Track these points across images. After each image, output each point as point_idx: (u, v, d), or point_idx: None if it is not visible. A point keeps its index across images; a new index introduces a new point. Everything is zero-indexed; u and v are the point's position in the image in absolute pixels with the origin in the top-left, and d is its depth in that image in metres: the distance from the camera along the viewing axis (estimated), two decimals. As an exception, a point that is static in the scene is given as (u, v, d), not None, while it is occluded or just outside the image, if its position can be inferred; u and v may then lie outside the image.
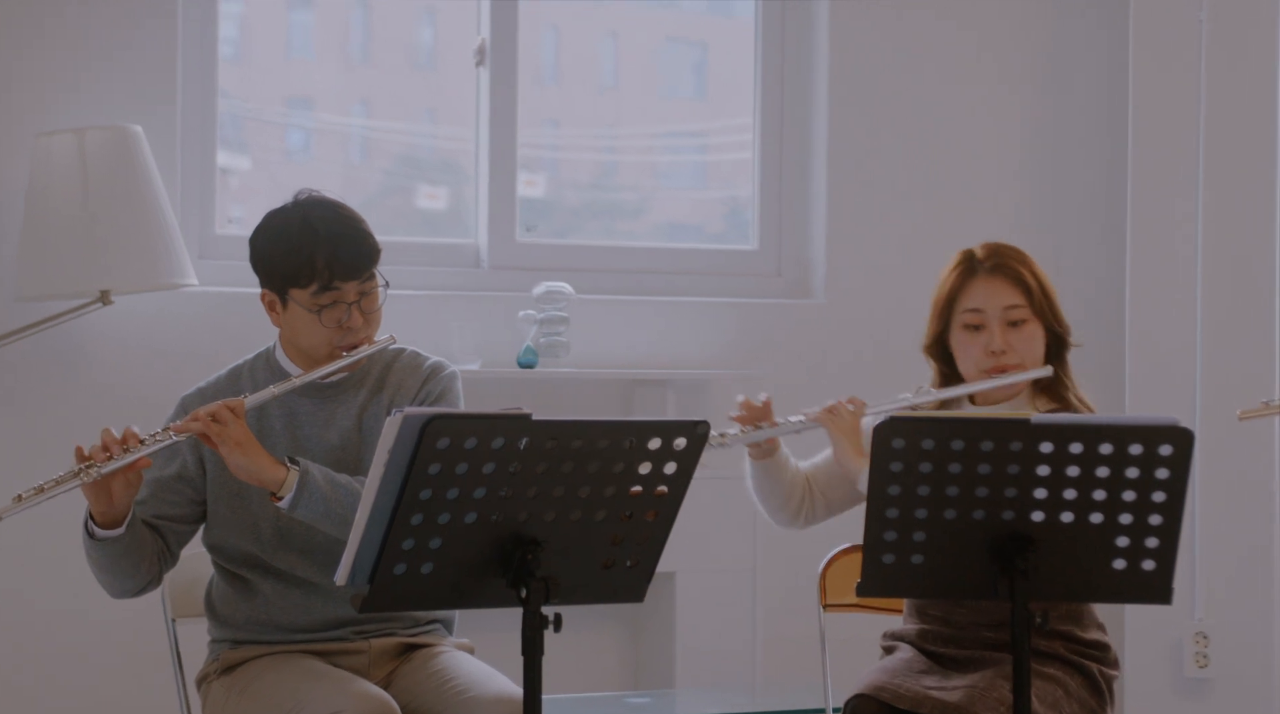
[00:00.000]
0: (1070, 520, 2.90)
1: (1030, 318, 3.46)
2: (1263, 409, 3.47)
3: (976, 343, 3.46)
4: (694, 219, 5.48)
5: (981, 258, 3.50)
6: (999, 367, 3.44)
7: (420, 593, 2.81)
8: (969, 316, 3.47)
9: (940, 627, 3.42)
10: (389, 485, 2.71)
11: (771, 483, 3.54)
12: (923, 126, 5.27)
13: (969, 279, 3.49)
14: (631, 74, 5.42)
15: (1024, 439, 2.86)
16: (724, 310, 5.08)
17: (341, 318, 3.30)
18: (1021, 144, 5.35)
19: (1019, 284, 3.46)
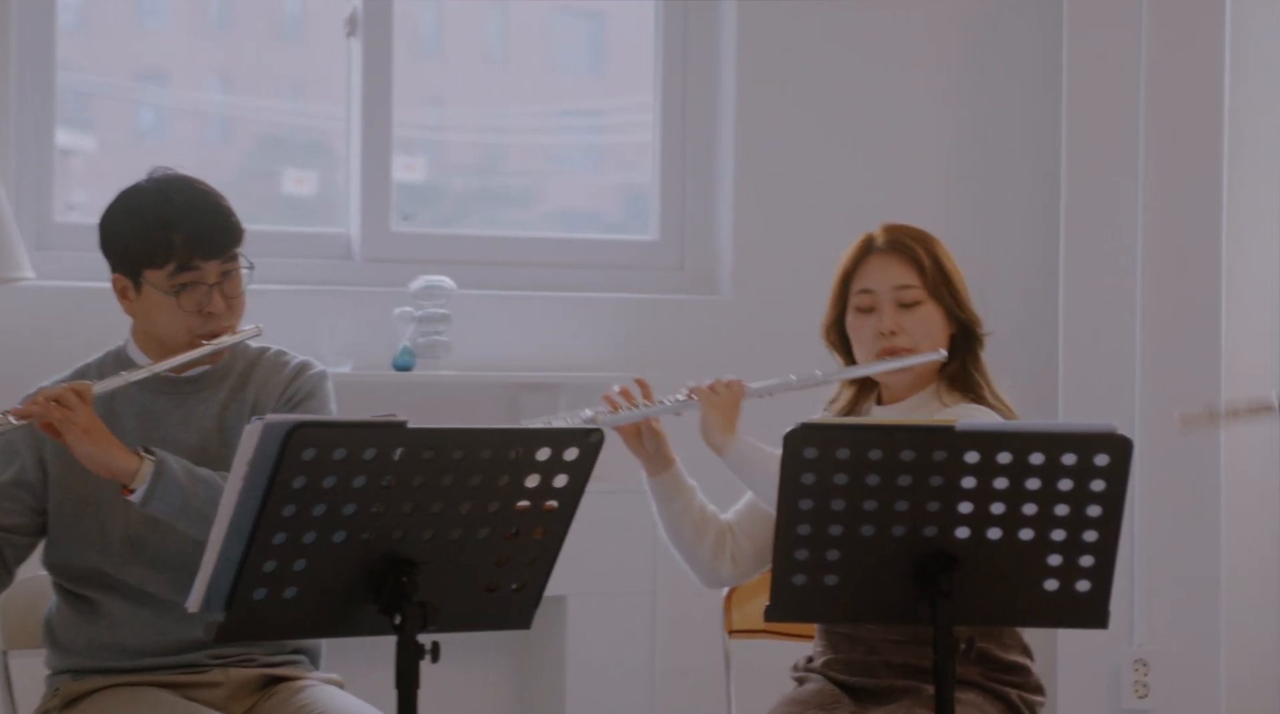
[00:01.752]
0: (998, 537, 2.91)
1: (925, 299, 3.49)
2: (1204, 416, 3.49)
3: (868, 325, 3.50)
4: (590, 207, 5.48)
5: (877, 237, 3.56)
6: (890, 349, 3.47)
7: (283, 620, 2.79)
8: (861, 298, 3.52)
9: (853, 654, 3.43)
10: (248, 500, 2.69)
11: (677, 509, 3.50)
12: (841, 110, 5.29)
13: (864, 259, 3.55)
14: (521, 47, 5.41)
15: (948, 448, 2.87)
16: (621, 307, 5.08)
17: (201, 301, 3.29)
18: (949, 133, 5.38)
19: (912, 263, 3.50)
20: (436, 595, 2.79)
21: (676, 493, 3.51)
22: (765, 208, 5.23)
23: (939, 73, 5.37)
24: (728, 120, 5.23)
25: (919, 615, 2.92)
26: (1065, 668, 5.05)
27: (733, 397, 3.47)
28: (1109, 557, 2.93)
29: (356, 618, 2.81)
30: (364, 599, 2.79)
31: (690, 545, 3.52)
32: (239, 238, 3.32)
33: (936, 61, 5.37)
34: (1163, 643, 5.07)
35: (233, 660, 3.34)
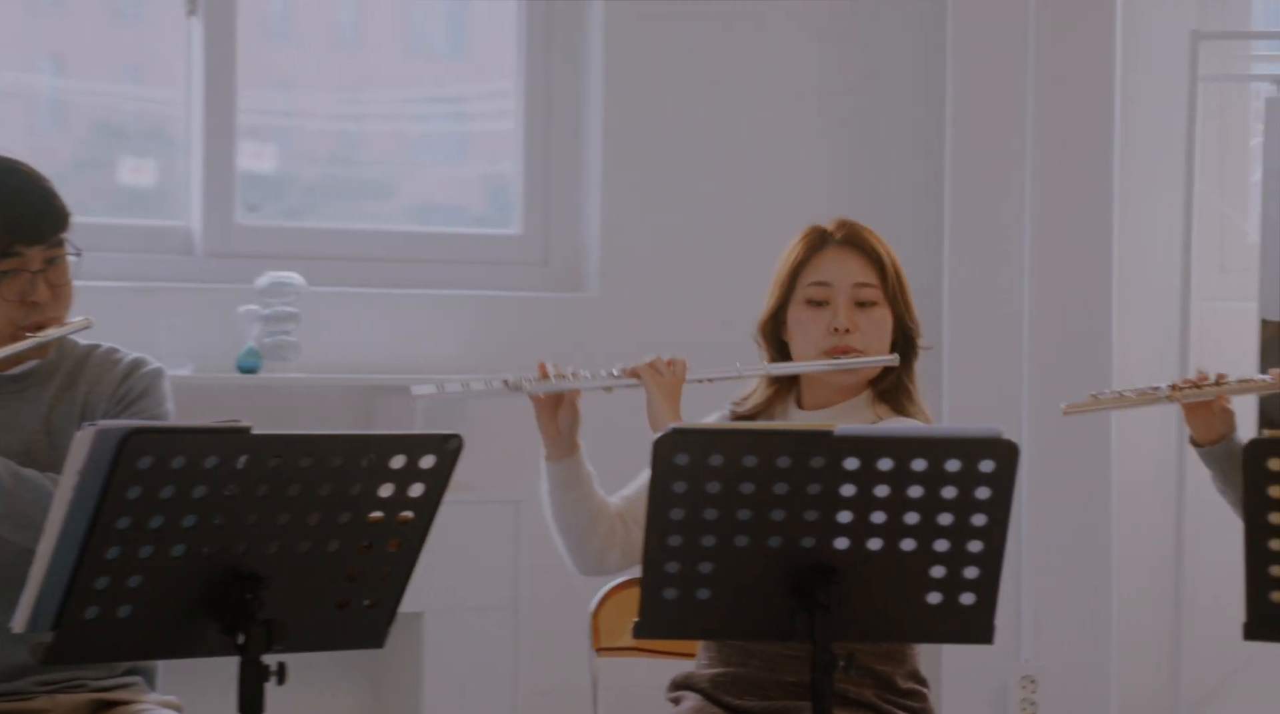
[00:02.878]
0: (879, 547, 2.93)
1: (881, 302, 3.50)
2: (1090, 403, 3.53)
3: (819, 319, 3.48)
4: (450, 199, 5.48)
5: (833, 230, 3.55)
6: (841, 347, 3.47)
7: (117, 640, 2.75)
8: (814, 290, 3.51)
9: (739, 670, 3.43)
10: (79, 512, 2.66)
11: (574, 497, 3.48)
12: (715, 98, 5.31)
13: (818, 250, 3.54)
14: (377, 28, 5.39)
15: (826, 454, 2.88)
16: (483, 305, 5.08)
17: (24, 290, 3.26)
18: (826, 129, 5.42)
19: (874, 261, 3.51)
20: (283, 613, 2.77)
21: (575, 480, 3.49)
22: (634, 201, 5.23)
23: (817, 66, 5.40)
24: (595, 108, 5.23)
25: (796, 631, 2.93)
26: (950, 685, 5.09)
27: (677, 378, 3.47)
28: (995, 568, 2.95)
29: (197, 637, 2.79)
30: (205, 617, 2.77)
31: (581, 535, 3.50)
32: (64, 222, 3.29)
33: (814, 54, 5.40)
34: (1051, 659, 5.12)
35: (60, 686, 3.29)
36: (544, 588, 4.83)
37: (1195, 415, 3.54)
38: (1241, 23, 5.46)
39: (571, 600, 4.05)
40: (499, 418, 4.97)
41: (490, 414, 4.96)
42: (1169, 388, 3.48)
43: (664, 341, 5.13)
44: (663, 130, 5.26)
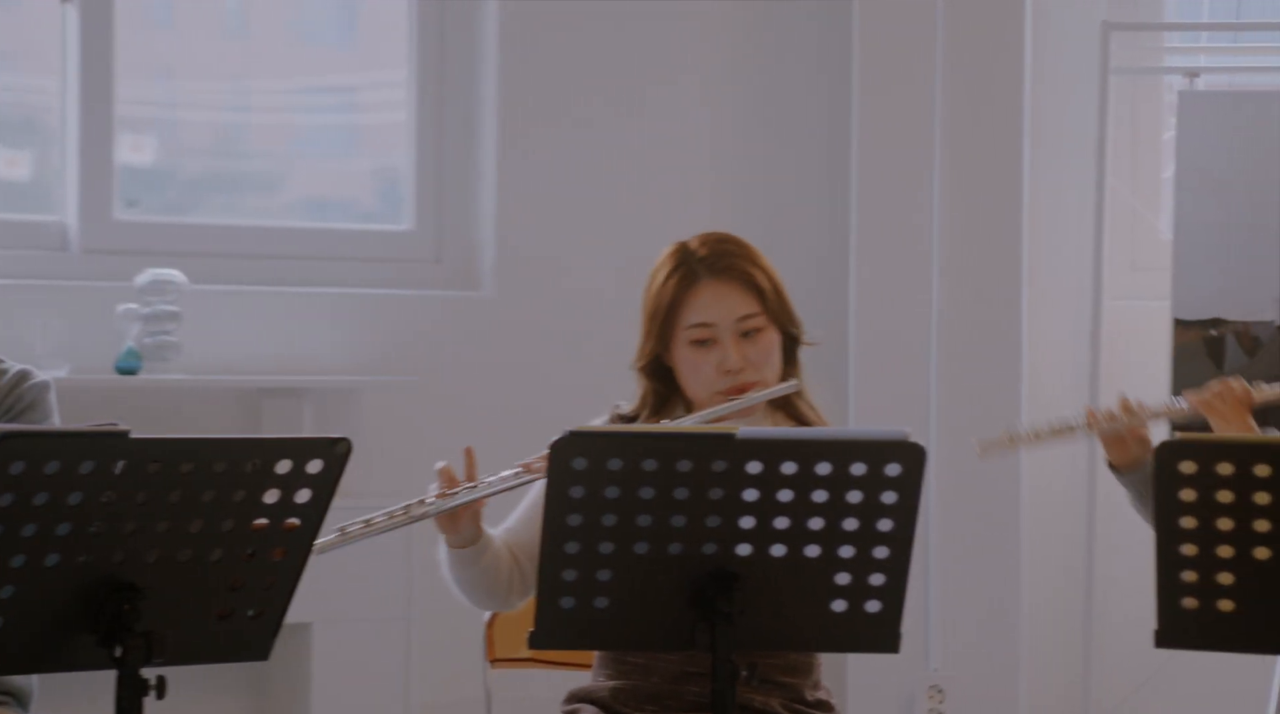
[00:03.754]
0: (782, 554, 2.93)
1: (766, 326, 3.46)
2: (1004, 440, 3.54)
3: (708, 361, 3.43)
4: (340, 194, 5.47)
5: (703, 257, 3.47)
6: (737, 387, 3.43)
7: (-12, 654, 2.73)
8: (697, 332, 3.44)
9: (638, 682, 3.43)
10: (-52, 520, 2.63)
11: (476, 572, 3.42)
12: (614, 91, 5.31)
13: (691, 286, 3.46)
14: (263, 15, 5.36)
15: (728, 457, 2.88)
16: (373, 304, 5.06)
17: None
18: (729, 127, 5.43)
19: (751, 288, 3.45)
20: (163, 624, 2.75)
21: (478, 556, 3.43)
22: (530, 197, 5.23)
23: (719, 61, 5.41)
24: (489, 100, 5.22)
25: (697, 641, 2.93)
26: (856, 696, 5.11)
27: None
28: (901, 575, 2.96)
29: (72, 651, 2.76)
30: (80, 629, 2.75)
31: (485, 597, 3.42)
32: None
33: (716, 49, 5.41)
34: (959, 668, 5.15)
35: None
36: (437, 597, 4.78)
37: (1111, 441, 3.56)
38: (1153, 14, 5.51)
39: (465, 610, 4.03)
40: (390, 421, 4.96)
41: (381, 417, 4.95)
42: (1085, 423, 3.48)
43: (560, 340, 5.16)
44: (559, 124, 5.26)
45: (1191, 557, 2.93)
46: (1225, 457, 2.89)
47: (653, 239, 3.69)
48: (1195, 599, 2.94)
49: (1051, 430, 3.52)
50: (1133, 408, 3.49)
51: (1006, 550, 5.17)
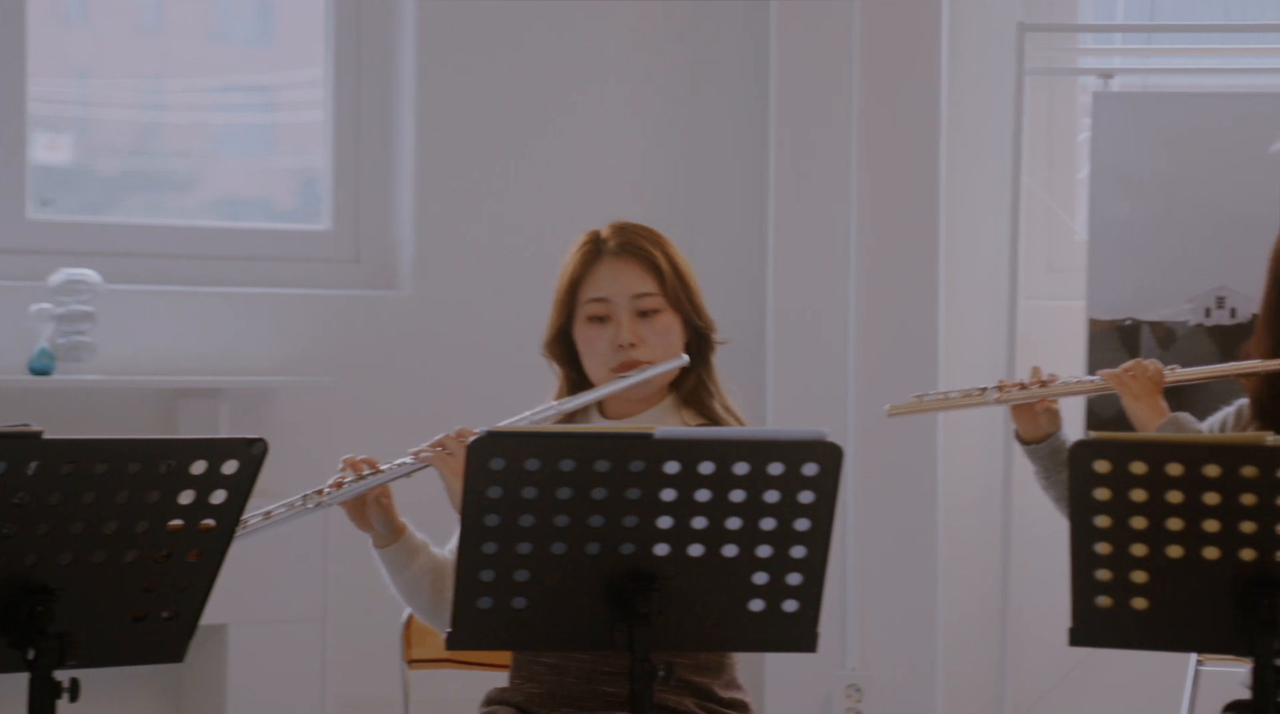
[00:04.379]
0: (700, 554, 2.93)
1: (664, 308, 3.48)
2: (915, 404, 3.56)
3: (603, 336, 3.47)
4: (258, 193, 5.44)
5: (607, 238, 3.53)
6: (628, 362, 3.46)
7: (-103, 658, 2.71)
8: (594, 307, 3.49)
9: (555, 683, 3.43)
10: None
11: (412, 575, 3.41)
12: (533, 89, 5.30)
13: (594, 263, 3.51)
14: (179, 12, 5.33)
15: (646, 457, 2.88)
16: (291, 303, 5.04)
17: None
18: (648, 124, 5.43)
19: (650, 268, 3.49)
20: (76, 626, 2.74)
21: (409, 559, 3.42)
22: (448, 196, 5.22)
23: (638, 61, 5.41)
24: (407, 99, 5.21)
25: (615, 641, 2.93)
26: (773, 695, 5.11)
27: (464, 449, 3.40)
28: (818, 574, 2.97)
29: (-16, 653, 2.75)
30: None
31: (430, 604, 3.44)
32: None
33: (635, 49, 5.41)
34: (877, 667, 5.16)
35: None
36: (354, 598, 4.80)
37: (1021, 414, 3.60)
38: (1068, 15, 5.54)
39: (382, 611, 4.02)
40: (307, 421, 4.94)
41: (297, 417, 4.94)
42: (995, 389, 3.52)
43: (480, 339, 5.15)
44: (478, 123, 5.25)
45: (1106, 555, 2.95)
46: (1139, 456, 2.91)
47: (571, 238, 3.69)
48: (1109, 597, 2.96)
49: (962, 395, 3.54)
50: (1044, 379, 3.52)
51: (924, 549, 5.19)
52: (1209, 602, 2.94)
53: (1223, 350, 4.98)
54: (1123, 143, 5.13)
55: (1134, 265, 5.12)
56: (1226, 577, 2.92)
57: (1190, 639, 3.13)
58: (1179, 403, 3.84)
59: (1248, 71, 5.46)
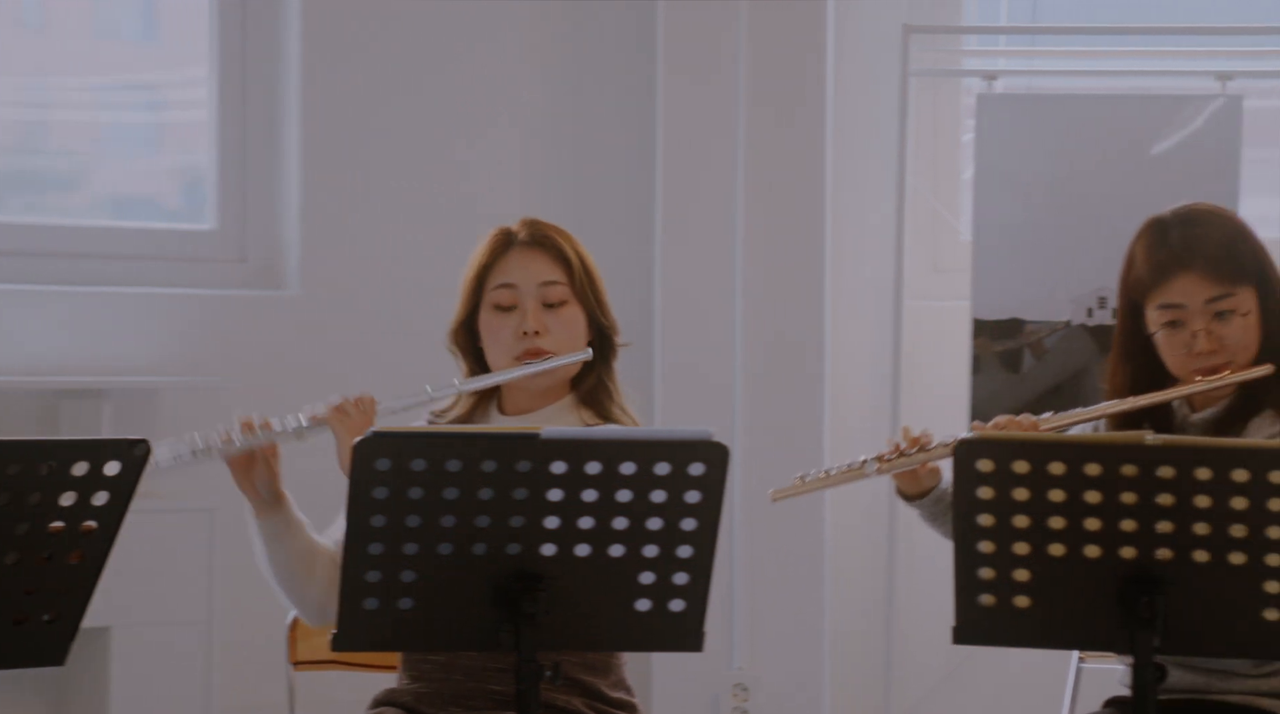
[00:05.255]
0: (587, 554, 2.94)
1: (570, 299, 3.50)
2: (798, 486, 3.56)
3: (508, 324, 3.48)
4: (144, 192, 5.41)
5: (518, 231, 3.55)
6: (532, 350, 3.47)
7: None
8: (500, 294, 3.50)
9: (442, 683, 3.43)
10: None
11: (287, 550, 3.41)
12: (420, 89, 5.29)
13: (504, 253, 3.53)
14: (62, 10, 5.29)
15: (533, 457, 2.88)
16: (175, 303, 5.01)
17: None
18: (538, 121, 5.42)
19: (559, 259, 3.51)
20: (-45, 630, 2.71)
21: (286, 532, 3.42)
22: (335, 194, 5.20)
23: (525, 61, 5.41)
24: (293, 97, 5.18)
25: (501, 641, 2.93)
26: (661, 694, 5.12)
27: (365, 418, 3.41)
28: (705, 574, 2.98)
29: None
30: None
31: (301, 585, 3.44)
32: None
33: (522, 49, 5.40)
34: (763, 666, 5.18)
35: None
36: (239, 600, 4.77)
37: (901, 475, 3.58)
38: (952, 17, 5.57)
39: (268, 613, 4.00)
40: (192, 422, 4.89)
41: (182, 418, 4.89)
42: (875, 461, 3.50)
43: (369, 339, 5.13)
44: (366, 121, 5.23)
45: (989, 554, 2.97)
46: (1022, 455, 2.94)
47: (458, 238, 3.69)
48: (992, 596, 2.98)
49: (842, 472, 3.54)
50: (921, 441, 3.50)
51: (810, 549, 5.21)
52: (1090, 599, 2.97)
53: (1103, 350, 5.02)
54: (1006, 144, 5.17)
55: (1018, 265, 5.16)
56: (1107, 574, 2.95)
57: (1072, 637, 3.15)
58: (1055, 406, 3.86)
59: (1130, 74, 5.51)
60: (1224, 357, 3.45)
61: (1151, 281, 3.47)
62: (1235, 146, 5.07)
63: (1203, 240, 3.45)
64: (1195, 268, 3.44)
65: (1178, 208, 3.53)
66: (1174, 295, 3.45)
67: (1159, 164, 5.12)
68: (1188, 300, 3.44)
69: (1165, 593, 2.93)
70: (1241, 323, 3.45)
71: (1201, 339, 3.44)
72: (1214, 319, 3.44)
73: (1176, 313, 3.46)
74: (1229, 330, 3.45)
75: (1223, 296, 3.44)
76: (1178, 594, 2.93)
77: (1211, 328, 3.44)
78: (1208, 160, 5.08)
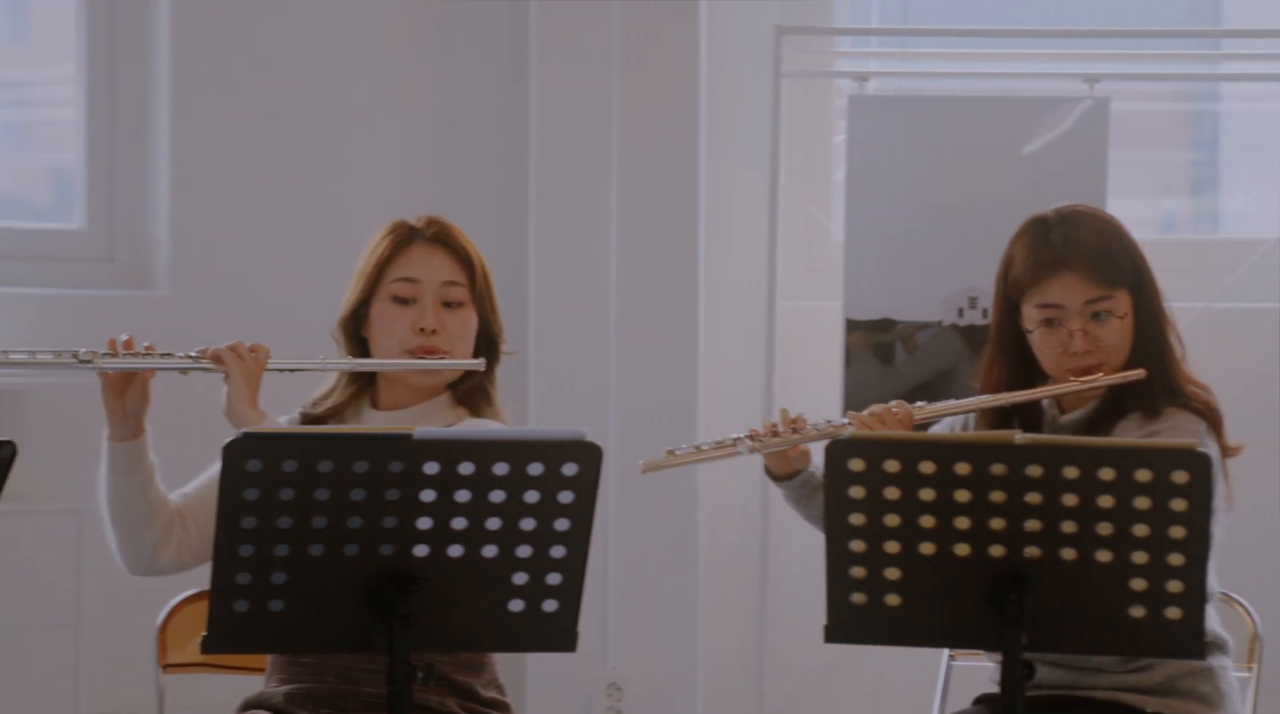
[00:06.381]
0: (460, 554, 2.94)
1: (468, 302, 3.53)
2: (668, 459, 3.58)
3: (405, 317, 3.49)
4: (11, 191, 5.36)
5: (422, 227, 3.56)
6: (427, 347, 3.47)
7: None
8: (401, 287, 3.50)
9: (314, 685, 3.41)
10: None
11: (133, 484, 3.39)
12: (291, 89, 5.26)
13: (406, 246, 3.54)
14: (-75, 7, 5.24)
15: (405, 458, 2.88)
16: (43, 303, 4.97)
17: None
18: (411, 122, 5.41)
19: (463, 261, 3.54)
20: None
21: (137, 466, 3.42)
22: (206, 193, 5.16)
23: (398, 59, 5.39)
24: (163, 96, 5.14)
25: (374, 642, 2.93)
26: (535, 694, 5.12)
27: (258, 365, 3.42)
28: (578, 574, 2.98)
29: None
30: None
31: (138, 527, 3.43)
32: None
33: (395, 47, 5.38)
34: (637, 666, 5.19)
35: None
36: (108, 602, 4.74)
37: (772, 455, 3.61)
38: (824, 19, 5.60)
39: (137, 615, 3.98)
40: (60, 422, 4.86)
41: (49, 419, 4.86)
42: (748, 439, 3.53)
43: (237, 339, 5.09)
44: (236, 120, 5.20)
45: (860, 553, 2.99)
46: (892, 454, 2.96)
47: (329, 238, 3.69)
48: (864, 594, 3.01)
49: (714, 447, 3.56)
50: (795, 424, 3.53)
51: (684, 549, 5.22)
52: (960, 597, 3.00)
53: (973, 350, 5.06)
54: (878, 145, 5.20)
55: (889, 266, 5.19)
56: (977, 573, 2.98)
57: (942, 635, 3.18)
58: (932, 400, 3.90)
59: (1000, 76, 5.56)
60: (1099, 357, 3.50)
61: (1031, 280, 3.51)
62: (1103, 148, 5.13)
63: (1083, 242, 3.49)
64: (1075, 269, 3.48)
65: (1059, 208, 3.57)
66: (1053, 295, 3.49)
67: (1029, 165, 5.16)
68: (1066, 301, 3.48)
69: (1034, 591, 2.96)
70: (1118, 325, 3.50)
71: (1078, 339, 3.48)
72: (1091, 320, 3.49)
73: (1054, 312, 3.50)
74: (1105, 332, 3.49)
75: (1101, 298, 3.49)
76: (1046, 592, 2.96)
77: (1088, 329, 3.48)
78: (1076, 162, 5.13)
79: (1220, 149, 5.90)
